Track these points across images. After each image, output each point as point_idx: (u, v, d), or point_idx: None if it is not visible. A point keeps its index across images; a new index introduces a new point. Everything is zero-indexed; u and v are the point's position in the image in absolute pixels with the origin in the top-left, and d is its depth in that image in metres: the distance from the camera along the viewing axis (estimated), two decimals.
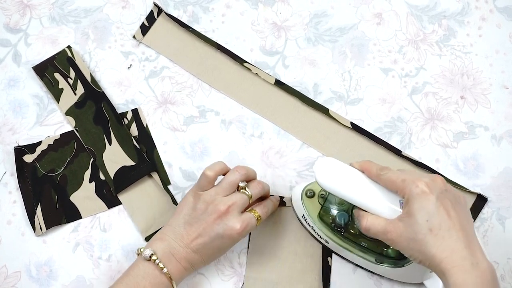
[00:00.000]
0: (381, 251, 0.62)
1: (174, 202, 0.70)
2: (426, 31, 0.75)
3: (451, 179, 0.69)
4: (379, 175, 0.57)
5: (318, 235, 0.65)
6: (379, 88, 0.73)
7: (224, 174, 0.64)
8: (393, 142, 0.71)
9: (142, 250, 0.61)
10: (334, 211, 0.64)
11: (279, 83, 0.74)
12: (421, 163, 0.69)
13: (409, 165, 0.70)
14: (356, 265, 0.66)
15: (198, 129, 0.73)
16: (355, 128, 0.71)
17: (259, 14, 0.78)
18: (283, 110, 0.73)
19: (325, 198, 0.64)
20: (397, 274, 0.64)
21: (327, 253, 0.67)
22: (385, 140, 0.71)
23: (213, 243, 0.61)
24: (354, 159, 0.70)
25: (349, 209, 0.63)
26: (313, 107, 0.73)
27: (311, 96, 0.73)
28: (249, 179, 0.65)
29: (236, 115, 0.74)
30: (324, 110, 0.72)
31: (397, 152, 0.70)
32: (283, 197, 0.69)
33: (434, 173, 0.69)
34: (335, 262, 0.67)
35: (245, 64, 0.75)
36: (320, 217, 0.64)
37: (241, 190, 0.63)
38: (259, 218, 0.63)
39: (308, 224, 0.65)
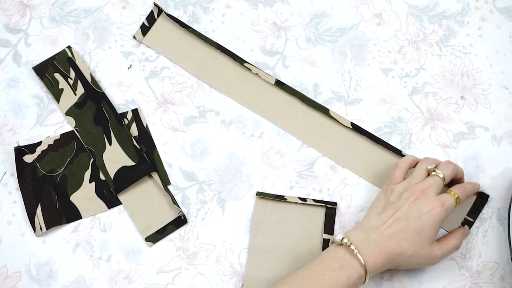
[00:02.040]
0: None
1: (174, 202, 0.70)
2: (426, 31, 0.75)
3: None
4: None
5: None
6: (379, 89, 0.74)
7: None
8: (393, 142, 0.71)
9: (334, 237, 0.60)
10: None
11: (279, 83, 0.74)
12: None
13: None
14: None
15: (198, 129, 0.73)
16: (355, 128, 0.71)
17: (259, 14, 0.78)
18: (283, 110, 0.73)
19: None
20: None
21: None
22: (385, 140, 0.71)
23: (410, 225, 0.59)
24: (354, 160, 0.71)
25: None
26: (313, 107, 0.73)
27: (311, 96, 0.74)
28: (438, 164, 0.64)
29: (236, 115, 0.74)
30: (324, 110, 0.72)
31: (397, 152, 0.70)
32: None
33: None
34: None
35: (245, 64, 0.75)
36: None
37: (432, 173, 0.62)
38: (457, 199, 0.61)
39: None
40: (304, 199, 0.69)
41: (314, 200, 0.69)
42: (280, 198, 0.69)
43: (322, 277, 0.57)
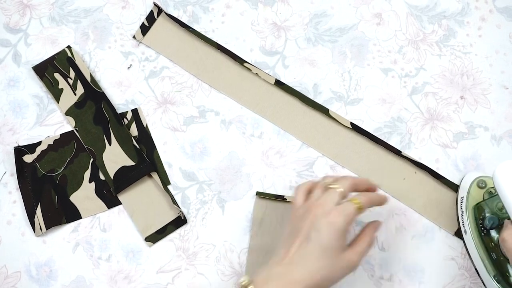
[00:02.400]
0: (505, 272, 0.61)
1: (174, 202, 0.70)
2: (426, 31, 0.75)
3: (451, 179, 0.69)
4: None
5: (462, 222, 0.65)
6: (379, 88, 0.74)
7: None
8: (393, 142, 0.71)
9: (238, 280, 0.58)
10: (489, 212, 0.63)
11: (279, 83, 0.74)
12: (421, 163, 0.69)
13: (409, 165, 0.70)
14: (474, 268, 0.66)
15: (198, 129, 0.73)
16: (355, 128, 0.71)
17: (259, 14, 0.78)
18: (283, 110, 0.73)
19: (491, 196, 0.64)
20: None
21: None
22: (385, 140, 0.71)
23: (313, 246, 0.56)
24: (353, 159, 0.71)
25: (503, 219, 0.62)
26: (313, 107, 0.73)
27: (311, 96, 0.74)
28: (339, 180, 0.61)
29: (236, 115, 0.74)
30: (324, 110, 0.72)
31: (397, 152, 0.70)
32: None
33: (433, 173, 0.69)
34: None
35: (245, 64, 0.75)
36: (474, 209, 0.64)
37: (331, 186, 0.60)
38: (360, 206, 0.58)
39: (460, 207, 0.66)
40: None
41: None
42: (280, 198, 0.69)
43: None
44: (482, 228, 0.63)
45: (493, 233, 0.62)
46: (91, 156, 0.72)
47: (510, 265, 0.60)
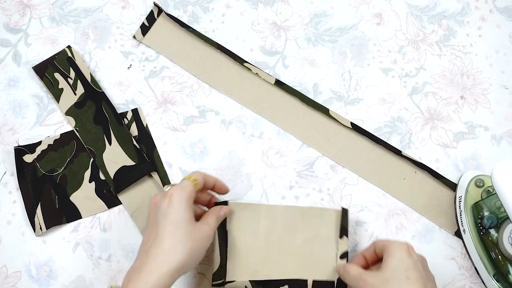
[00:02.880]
0: (506, 272, 0.61)
1: None
2: (426, 31, 0.75)
3: (451, 179, 0.69)
4: None
5: (461, 221, 0.65)
6: (379, 88, 0.74)
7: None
8: (393, 142, 0.71)
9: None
10: (487, 211, 0.63)
11: (279, 83, 0.74)
12: (421, 163, 0.69)
13: (409, 165, 0.70)
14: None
15: (198, 129, 0.73)
16: (355, 128, 0.71)
17: (259, 14, 0.78)
18: (283, 110, 0.73)
19: (490, 195, 0.64)
20: None
21: None
22: (385, 140, 0.71)
23: (161, 225, 0.57)
24: (354, 159, 0.71)
25: (502, 218, 0.62)
26: (313, 107, 0.73)
27: (311, 96, 0.74)
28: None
29: (236, 115, 0.74)
30: (324, 110, 0.72)
31: (397, 152, 0.70)
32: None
33: (433, 173, 0.69)
34: None
35: (245, 64, 0.75)
36: (473, 208, 0.64)
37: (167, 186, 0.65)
38: (193, 180, 0.60)
39: (459, 206, 0.66)
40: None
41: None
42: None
43: None
44: (481, 227, 0.63)
45: (492, 232, 0.62)
46: (91, 156, 0.72)
47: None
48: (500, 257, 0.61)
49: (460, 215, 0.65)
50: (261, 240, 0.66)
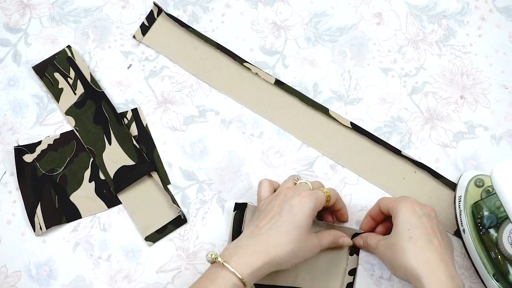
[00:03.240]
0: (506, 272, 0.61)
1: (174, 201, 0.70)
2: (425, 31, 0.75)
3: (450, 179, 0.69)
4: None
5: (461, 221, 0.65)
6: (379, 88, 0.74)
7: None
8: (393, 142, 0.71)
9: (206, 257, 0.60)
10: (487, 211, 0.63)
11: (279, 83, 0.74)
12: (421, 163, 0.69)
13: (409, 165, 0.70)
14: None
15: (198, 129, 0.73)
16: (355, 128, 0.71)
17: (259, 13, 0.78)
18: (283, 110, 0.73)
19: (489, 195, 0.64)
20: None
21: None
22: (384, 140, 0.71)
23: (283, 219, 0.59)
24: (353, 159, 0.71)
25: (501, 218, 0.62)
26: (313, 106, 0.73)
27: (310, 95, 0.74)
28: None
29: (236, 115, 0.74)
30: (324, 110, 0.72)
31: (396, 152, 0.70)
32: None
33: (433, 173, 0.69)
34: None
35: (245, 63, 0.75)
36: (473, 208, 0.64)
37: (300, 181, 0.64)
38: (327, 195, 0.62)
39: (459, 206, 0.66)
40: None
41: None
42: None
43: None
44: (481, 227, 0.63)
45: (492, 231, 0.62)
46: (91, 156, 0.72)
47: None
48: (499, 257, 0.61)
49: (460, 214, 0.65)
50: None
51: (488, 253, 0.62)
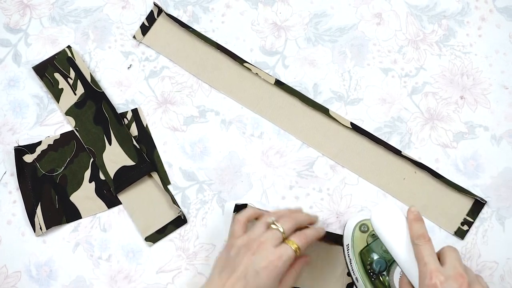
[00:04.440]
0: None
1: (174, 202, 0.70)
2: (426, 31, 0.75)
3: (451, 179, 0.69)
4: (413, 242, 0.55)
5: (352, 270, 0.63)
6: (379, 88, 0.74)
7: (256, 219, 0.63)
8: (393, 142, 0.71)
9: None
10: (376, 256, 0.62)
11: (279, 83, 0.74)
12: (421, 163, 0.69)
13: (409, 165, 0.70)
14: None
15: (198, 129, 0.73)
16: (355, 128, 0.71)
17: (259, 14, 0.78)
18: (283, 110, 0.73)
19: (375, 239, 0.63)
20: None
21: None
22: (385, 140, 0.71)
23: (248, 285, 0.56)
24: (354, 159, 0.71)
25: (390, 261, 0.62)
26: (313, 107, 0.73)
27: (311, 96, 0.74)
28: (280, 218, 0.62)
29: (236, 115, 0.74)
30: (324, 110, 0.72)
31: (397, 152, 0.70)
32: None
33: (433, 173, 0.69)
34: None
35: (245, 64, 0.75)
36: (361, 255, 0.63)
37: (273, 226, 0.60)
38: (296, 248, 0.58)
39: (348, 255, 0.64)
40: None
41: None
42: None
43: None
44: (371, 273, 0.62)
45: (383, 276, 0.61)
46: (91, 156, 0.72)
47: None
48: None
49: (350, 263, 0.63)
50: None
51: None
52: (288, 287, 0.59)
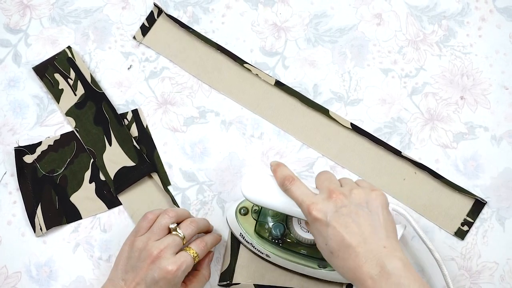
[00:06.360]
0: (322, 256, 0.60)
1: (174, 202, 0.70)
2: (426, 32, 0.75)
3: (451, 179, 0.69)
4: (283, 189, 0.57)
5: (259, 251, 0.64)
6: (379, 89, 0.74)
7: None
8: (393, 142, 0.71)
9: None
10: (270, 224, 0.63)
11: (279, 84, 0.74)
12: (421, 163, 0.69)
13: (409, 165, 0.70)
14: (301, 274, 0.65)
15: (198, 130, 0.73)
16: (355, 128, 0.71)
17: (259, 14, 0.78)
18: (283, 111, 0.73)
19: (259, 212, 0.64)
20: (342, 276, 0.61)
21: None
22: (385, 140, 0.71)
23: (132, 254, 0.60)
24: (354, 160, 0.71)
25: (284, 219, 0.63)
26: (313, 107, 0.73)
27: (311, 96, 0.74)
28: (180, 220, 0.64)
29: (236, 116, 0.74)
30: (324, 111, 0.72)
31: (397, 152, 0.70)
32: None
33: (433, 173, 0.69)
34: None
35: (245, 65, 0.75)
36: (257, 232, 0.64)
37: (173, 232, 0.62)
38: (195, 256, 0.61)
39: (247, 241, 0.65)
40: None
41: None
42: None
43: None
44: (277, 241, 0.63)
45: (288, 235, 0.63)
46: (92, 157, 0.72)
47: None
48: (308, 248, 0.62)
49: (254, 247, 0.64)
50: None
51: (302, 255, 0.62)
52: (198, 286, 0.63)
